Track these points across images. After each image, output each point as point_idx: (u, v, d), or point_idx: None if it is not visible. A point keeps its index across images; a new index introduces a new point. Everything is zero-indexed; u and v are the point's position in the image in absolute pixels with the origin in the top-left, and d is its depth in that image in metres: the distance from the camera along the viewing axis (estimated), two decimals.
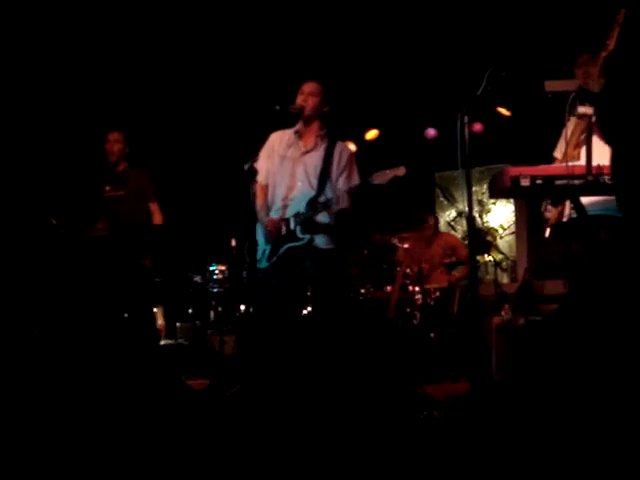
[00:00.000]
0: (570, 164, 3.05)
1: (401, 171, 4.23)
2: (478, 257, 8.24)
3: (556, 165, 3.10)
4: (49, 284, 5.41)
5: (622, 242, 3.60)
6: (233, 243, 5.52)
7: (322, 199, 4.40)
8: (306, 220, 4.39)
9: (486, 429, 3.40)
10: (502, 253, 8.32)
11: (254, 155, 4.66)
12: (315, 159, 4.52)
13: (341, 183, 4.48)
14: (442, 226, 8.81)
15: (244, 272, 5.68)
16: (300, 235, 4.38)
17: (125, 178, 5.62)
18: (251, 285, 5.68)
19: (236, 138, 6.45)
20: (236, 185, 4.76)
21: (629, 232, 3.33)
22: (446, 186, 9.04)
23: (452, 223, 8.66)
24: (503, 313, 6.34)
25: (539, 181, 3.03)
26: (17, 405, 4.16)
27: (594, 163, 3.04)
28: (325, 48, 6.77)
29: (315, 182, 4.47)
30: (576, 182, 3.00)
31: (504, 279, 8.20)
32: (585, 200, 3.57)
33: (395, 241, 6.52)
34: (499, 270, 7.75)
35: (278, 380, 5.01)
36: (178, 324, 7.08)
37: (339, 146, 4.60)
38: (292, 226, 4.40)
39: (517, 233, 8.53)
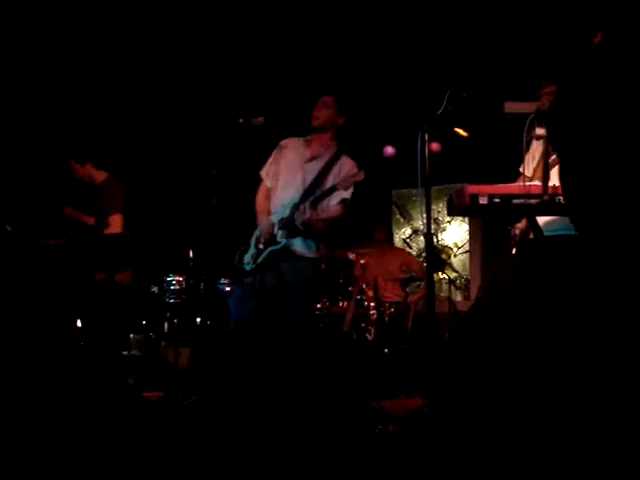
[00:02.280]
0: (528, 184, 3.13)
1: (360, 176, 4.32)
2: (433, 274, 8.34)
3: (513, 184, 3.17)
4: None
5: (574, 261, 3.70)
6: (191, 254, 5.50)
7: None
8: (286, 224, 4.49)
9: (440, 443, 3.44)
10: (456, 271, 8.43)
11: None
12: (315, 168, 4.64)
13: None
14: (397, 243, 8.91)
15: (201, 283, 5.67)
16: (279, 239, 4.45)
17: (101, 191, 5.61)
18: (208, 297, 5.67)
19: (197, 148, 6.45)
20: (195, 194, 4.78)
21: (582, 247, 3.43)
22: (402, 204, 9.15)
23: (407, 240, 8.75)
24: None
25: (497, 200, 3.10)
26: None
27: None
28: (291, 63, 6.82)
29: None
30: (532, 201, 3.08)
31: (457, 297, 8.31)
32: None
33: (352, 256, 6.56)
34: (453, 288, 7.84)
35: (233, 391, 5.00)
36: (131, 335, 7.00)
37: (342, 160, 4.67)
38: (275, 230, 4.55)
39: (471, 251, 8.65)
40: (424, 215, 3.56)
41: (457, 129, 7.36)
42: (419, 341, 6.42)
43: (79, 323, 5.91)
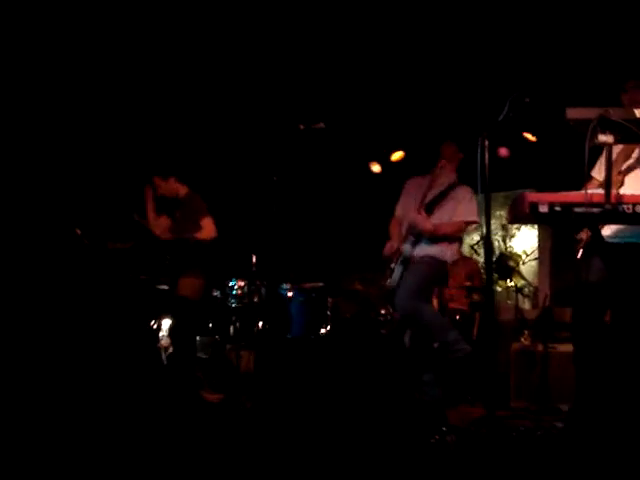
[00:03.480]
0: (590, 191, 3.03)
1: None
2: (500, 282, 8.20)
3: (575, 192, 3.08)
4: (70, 291, 5.48)
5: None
6: (254, 259, 5.56)
7: None
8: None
9: (500, 455, 3.38)
10: (524, 279, 8.25)
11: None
12: (434, 193, 5.23)
13: None
14: (465, 249, 8.77)
15: (263, 288, 5.72)
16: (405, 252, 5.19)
17: (185, 202, 5.75)
18: (270, 301, 5.72)
19: (258, 154, 6.51)
20: (257, 200, 4.83)
21: None
22: None
23: (475, 247, 8.60)
24: (522, 339, 6.31)
25: (557, 208, 3.02)
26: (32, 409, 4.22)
27: (630, 192, 3.04)
28: (350, 71, 6.83)
29: None
30: (594, 210, 2.98)
31: (525, 305, 8.14)
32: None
33: None
34: (520, 296, 7.69)
35: (294, 396, 5.06)
36: (198, 338, 7.10)
37: (460, 188, 5.20)
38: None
39: (540, 259, 8.47)
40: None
41: (525, 134, 7.23)
42: (484, 349, 6.32)
43: (154, 324, 6.05)
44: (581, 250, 3.80)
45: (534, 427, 4.43)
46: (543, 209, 3.02)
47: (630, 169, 3.80)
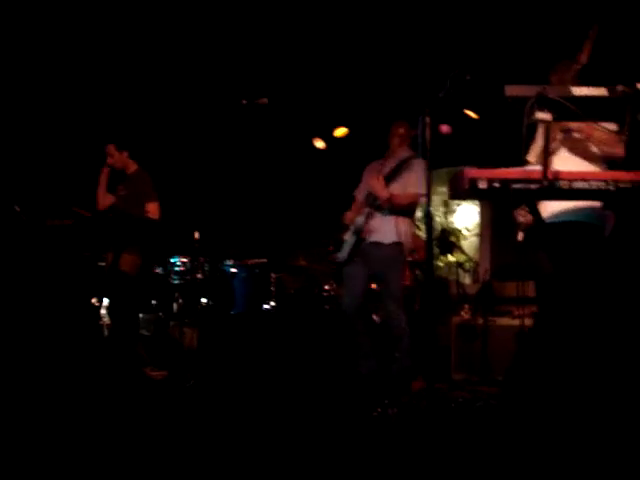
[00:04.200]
0: (528, 168, 3.09)
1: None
2: (442, 257, 8.32)
3: (514, 169, 3.13)
4: (9, 268, 5.37)
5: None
6: (196, 236, 5.51)
7: None
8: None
9: (439, 427, 3.45)
10: (465, 254, 8.37)
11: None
12: (388, 168, 5.17)
13: None
14: None
15: (206, 264, 5.68)
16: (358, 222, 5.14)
17: (132, 179, 5.65)
18: (213, 278, 5.69)
19: (201, 130, 6.44)
20: (199, 176, 4.79)
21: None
22: None
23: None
24: (463, 313, 6.42)
25: (496, 184, 3.05)
26: None
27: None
28: (295, 46, 6.80)
29: None
30: (532, 186, 3.03)
31: (466, 279, 8.28)
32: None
33: None
34: (461, 271, 7.80)
35: (238, 372, 5.06)
36: (141, 315, 7.03)
37: (415, 160, 5.08)
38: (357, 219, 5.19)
39: (481, 235, 8.61)
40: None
41: (467, 111, 7.31)
42: (426, 323, 6.41)
43: (94, 301, 5.97)
44: (521, 233, 3.87)
45: (473, 398, 4.53)
46: (482, 185, 3.05)
47: (557, 148, 3.89)
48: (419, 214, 8.94)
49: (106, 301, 6.03)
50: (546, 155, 3.15)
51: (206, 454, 3.24)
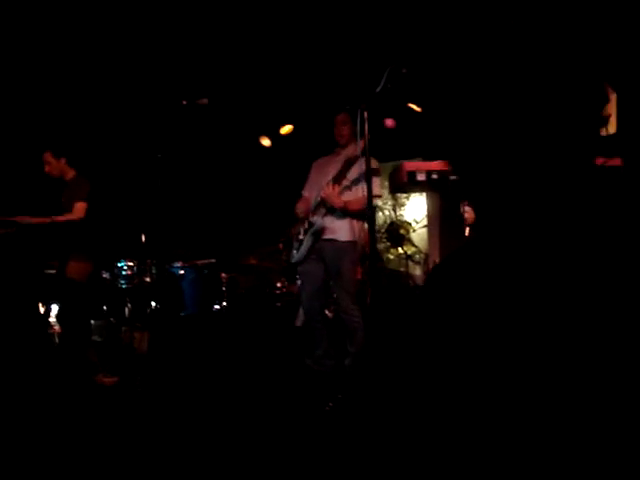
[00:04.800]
0: None
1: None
2: (392, 250, 8.40)
3: None
4: None
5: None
6: (143, 238, 5.47)
7: None
8: (317, 207, 5.06)
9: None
10: (415, 246, 8.46)
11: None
12: (339, 164, 4.98)
13: None
14: None
15: (153, 267, 5.64)
16: (313, 221, 5.05)
17: (71, 186, 5.55)
18: (161, 281, 5.65)
19: (141, 132, 6.40)
20: (142, 178, 4.75)
21: None
22: None
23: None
24: None
25: (435, 176, 3.13)
26: None
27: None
28: (235, 45, 6.78)
29: None
30: None
31: (416, 271, 8.36)
32: None
33: None
34: (411, 262, 7.89)
35: (189, 375, 5.03)
36: (92, 321, 6.96)
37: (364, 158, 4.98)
38: (310, 217, 5.08)
39: (429, 226, 8.69)
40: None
41: (410, 104, 7.37)
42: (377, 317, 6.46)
43: (41, 309, 5.88)
44: (468, 229, 3.93)
45: None
46: (420, 177, 3.12)
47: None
48: None
49: (55, 308, 5.95)
50: None
51: (159, 457, 3.23)
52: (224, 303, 6.91)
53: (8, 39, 6.26)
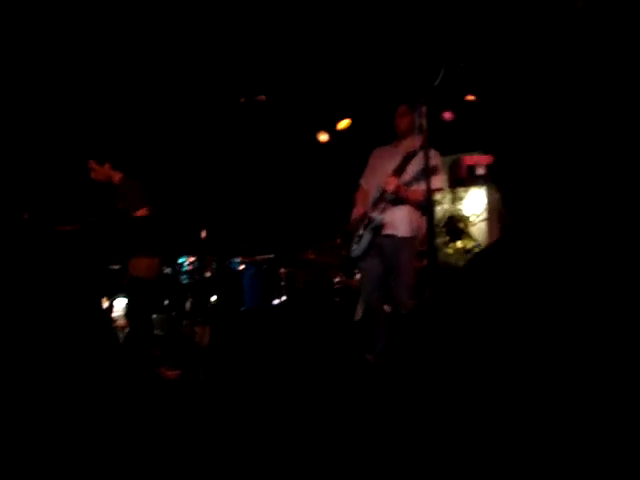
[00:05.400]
0: None
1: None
2: (450, 244, 8.32)
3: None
4: (19, 275, 5.43)
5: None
6: (203, 235, 5.55)
7: None
8: (377, 202, 5.07)
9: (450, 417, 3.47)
10: (474, 240, 8.37)
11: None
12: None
13: None
14: None
15: (214, 263, 5.72)
16: (374, 217, 5.05)
17: (125, 192, 5.66)
18: (221, 276, 5.72)
19: (203, 131, 6.48)
20: (203, 175, 4.83)
21: None
22: None
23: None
24: None
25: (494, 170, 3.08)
26: None
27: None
28: (291, 41, 6.81)
29: None
30: None
31: None
32: None
33: None
34: (471, 257, 7.80)
35: (250, 368, 5.09)
36: (154, 316, 7.10)
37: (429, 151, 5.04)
38: (370, 212, 5.10)
39: (489, 220, 8.58)
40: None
41: (468, 97, 7.30)
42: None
43: (105, 304, 6.02)
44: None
45: None
46: (480, 171, 3.08)
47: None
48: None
49: (119, 304, 6.09)
50: None
51: (221, 450, 3.28)
52: (283, 298, 6.96)
53: (58, 43, 6.39)
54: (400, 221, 4.91)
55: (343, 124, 8.16)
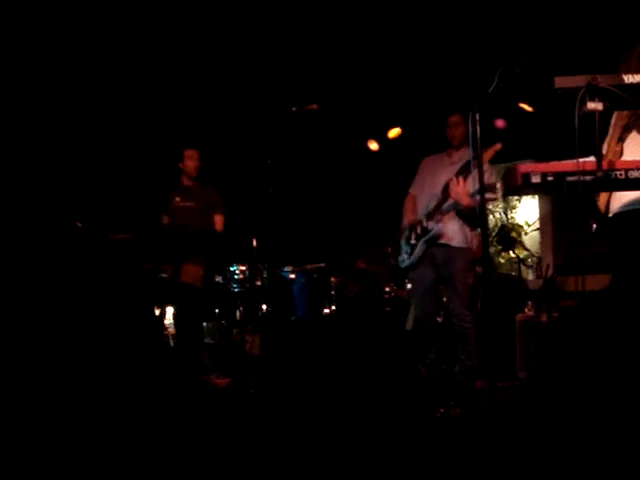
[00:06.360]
0: (582, 160, 3.03)
1: (498, 146, 4.44)
2: (503, 254, 8.21)
3: (567, 162, 3.07)
4: (74, 284, 5.51)
5: None
6: (254, 243, 5.56)
7: None
8: (432, 214, 5.02)
9: (501, 429, 3.40)
10: (527, 249, 8.26)
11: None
12: (455, 169, 4.89)
13: None
14: None
15: (265, 272, 5.73)
16: (430, 228, 4.99)
17: (195, 191, 5.75)
18: (272, 284, 5.73)
19: (255, 138, 6.50)
20: (253, 184, 4.84)
21: None
22: None
23: None
24: (526, 310, 6.32)
25: (550, 178, 3.01)
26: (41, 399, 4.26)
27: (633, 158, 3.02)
28: (342, 50, 6.81)
29: None
30: (587, 178, 2.97)
31: (529, 275, 8.15)
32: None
33: None
34: (523, 266, 7.69)
35: (301, 377, 5.08)
36: (204, 324, 7.14)
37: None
38: (424, 223, 5.05)
39: (542, 229, 8.46)
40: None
41: (522, 104, 7.20)
42: (489, 321, 6.33)
43: (157, 312, 6.08)
44: (594, 225, 3.77)
45: None
46: (535, 179, 3.01)
47: (624, 137, 3.77)
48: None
49: (170, 311, 6.15)
50: (599, 145, 3.09)
51: (272, 457, 3.27)
52: (333, 307, 6.94)
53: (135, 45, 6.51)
54: (454, 231, 4.86)
55: (394, 133, 8.12)
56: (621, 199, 3.63)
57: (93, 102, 6.95)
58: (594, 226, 3.76)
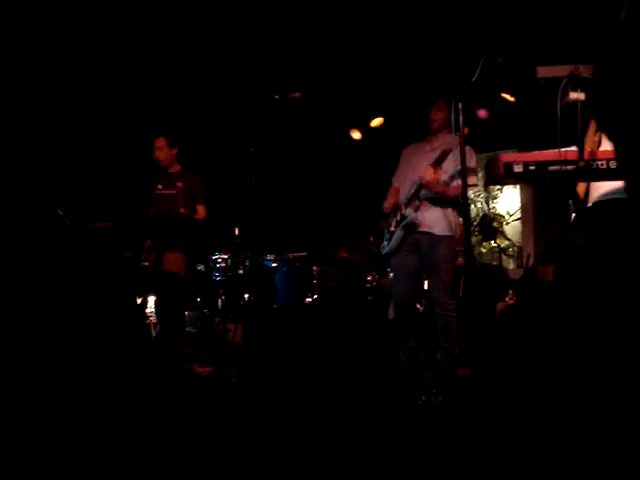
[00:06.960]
0: (564, 149, 3.05)
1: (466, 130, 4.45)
2: (484, 243, 8.26)
3: (549, 151, 3.09)
4: (55, 273, 5.48)
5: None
6: (236, 232, 5.55)
7: None
8: (411, 199, 5.00)
9: (484, 414, 3.43)
10: (508, 239, 8.31)
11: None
12: (435, 155, 4.92)
13: None
14: None
15: (246, 260, 5.72)
16: (407, 214, 4.98)
17: (176, 179, 5.69)
18: (254, 273, 5.72)
19: (238, 126, 6.48)
20: (235, 172, 4.84)
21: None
22: None
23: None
24: (507, 299, 6.36)
25: (532, 167, 3.04)
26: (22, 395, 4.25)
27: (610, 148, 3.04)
28: (324, 39, 6.79)
29: None
30: (568, 168, 3.00)
31: (510, 265, 8.21)
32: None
33: None
34: (505, 256, 7.74)
35: (283, 366, 5.09)
36: (186, 312, 7.13)
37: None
38: (403, 210, 5.02)
39: (523, 219, 8.52)
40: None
41: (504, 94, 7.23)
42: (469, 310, 6.37)
43: (138, 300, 6.06)
44: (574, 215, 3.80)
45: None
46: (518, 169, 3.04)
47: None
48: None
49: (151, 300, 6.13)
50: (581, 136, 3.11)
51: (254, 446, 3.28)
52: (315, 296, 6.95)
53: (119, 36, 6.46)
54: (436, 219, 4.85)
55: (376, 122, 8.13)
56: (599, 189, 3.66)
57: (74, 90, 6.89)
58: (573, 215, 3.79)
